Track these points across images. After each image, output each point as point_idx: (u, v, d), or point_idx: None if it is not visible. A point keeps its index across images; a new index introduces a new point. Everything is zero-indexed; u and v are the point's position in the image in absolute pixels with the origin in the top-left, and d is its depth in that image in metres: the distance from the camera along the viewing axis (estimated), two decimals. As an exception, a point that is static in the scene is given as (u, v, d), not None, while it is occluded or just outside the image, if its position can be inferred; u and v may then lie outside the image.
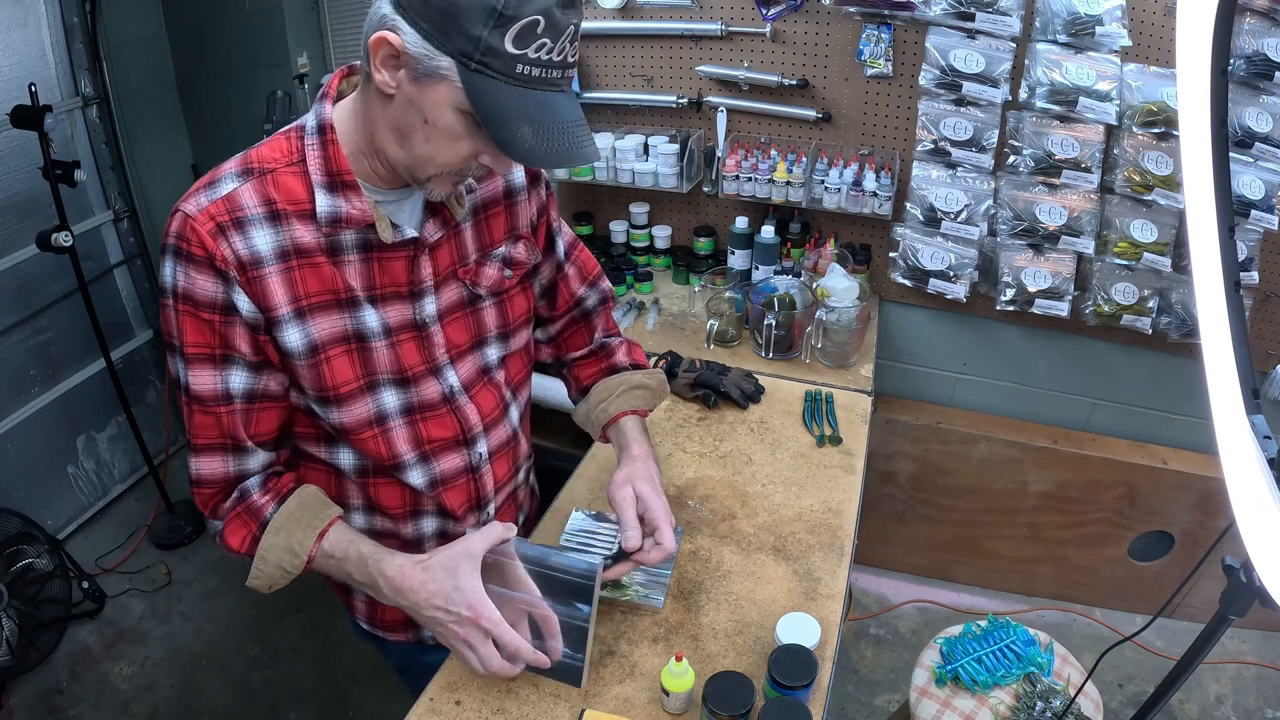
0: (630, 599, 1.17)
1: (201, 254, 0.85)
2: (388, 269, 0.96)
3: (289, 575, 0.99)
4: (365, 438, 1.01)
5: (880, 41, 1.89)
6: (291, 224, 0.89)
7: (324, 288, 0.92)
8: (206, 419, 0.93)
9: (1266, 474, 0.74)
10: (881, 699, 2.20)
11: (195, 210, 0.86)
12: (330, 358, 0.95)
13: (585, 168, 2.19)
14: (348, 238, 0.93)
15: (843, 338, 1.83)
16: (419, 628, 1.21)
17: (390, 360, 0.99)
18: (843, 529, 1.33)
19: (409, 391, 1.02)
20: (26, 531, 2.29)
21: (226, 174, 0.88)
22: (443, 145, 0.84)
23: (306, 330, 0.92)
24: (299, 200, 0.89)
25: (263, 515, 0.98)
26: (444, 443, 1.07)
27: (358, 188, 0.90)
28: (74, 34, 2.52)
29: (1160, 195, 1.80)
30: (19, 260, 2.44)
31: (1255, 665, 2.28)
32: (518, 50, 0.76)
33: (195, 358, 0.90)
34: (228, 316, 0.89)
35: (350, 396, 0.97)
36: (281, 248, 0.89)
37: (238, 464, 0.97)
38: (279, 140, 0.91)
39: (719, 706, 0.95)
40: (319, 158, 0.89)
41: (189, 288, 0.87)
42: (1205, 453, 2.21)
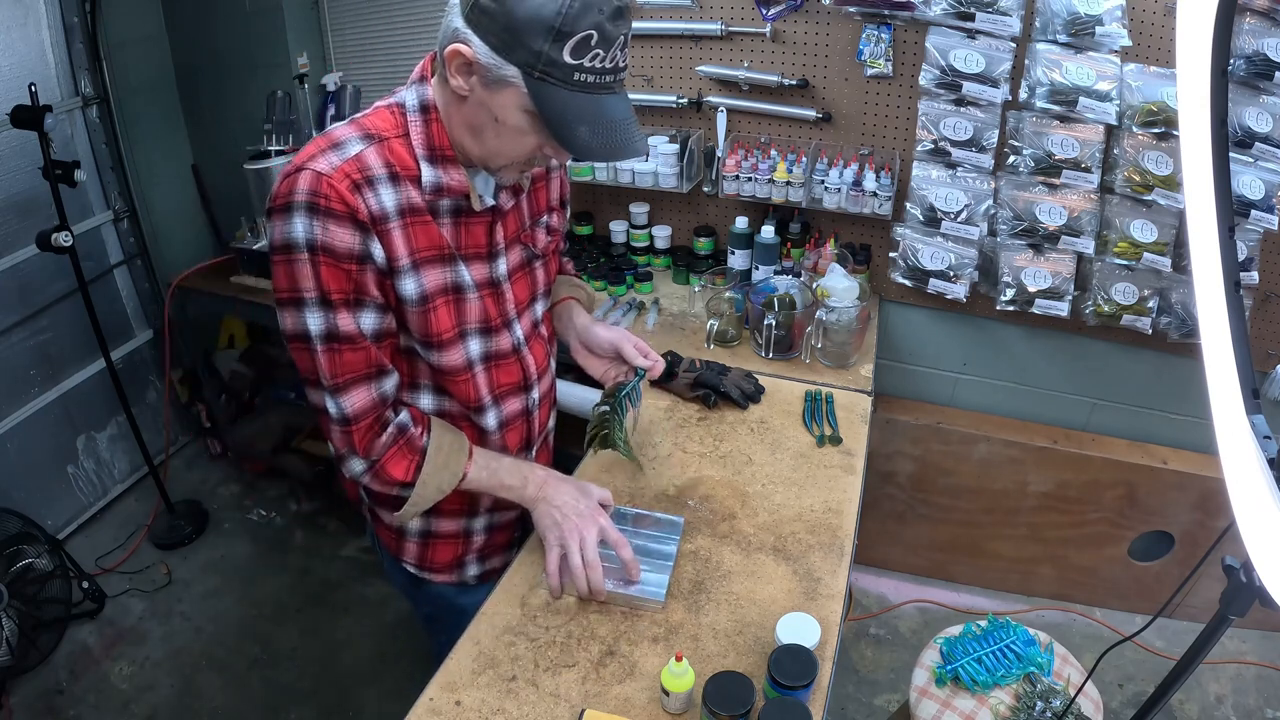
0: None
1: (342, 208, 0.94)
2: (472, 232, 1.10)
3: (441, 494, 1.14)
4: (461, 380, 1.15)
5: (880, 41, 1.89)
6: (406, 186, 1.00)
7: (431, 244, 1.05)
8: (355, 355, 1.02)
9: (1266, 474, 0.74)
10: (881, 699, 2.20)
11: (329, 169, 0.93)
12: (436, 306, 1.07)
13: (585, 168, 2.19)
14: (444, 204, 1.05)
15: (843, 338, 1.83)
16: (463, 568, 1.35)
17: (478, 312, 1.13)
18: (843, 529, 1.33)
19: (490, 340, 1.17)
20: (26, 531, 2.29)
21: (349, 137, 0.97)
22: (511, 140, 0.97)
23: (420, 280, 1.04)
24: (409, 167, 1.00)
25: (420, 445, 1.12)
26: (510, 387, 1.23)
27: (456, 162, 1.02)
28: (74, 34, 2.52)
29: (1160, 195, 1.80)
30: (19, 260, 2.44)
31: (1255, 665, 2.28)
32: (574, 61, 0.87)
33: (338, 303, 0.99)
34: (362, 265, 0.98)
35: (449, 343, 1.10)
36: (400, 206, 0.99)
37: (379, 389, 1.06)
38: (383, 113, 1.02)
39: (719, 706, 0.95)
40: (422, 133, 1.00)
41: (329, 240, 0.95)
42: (1205, 453, 2.21)
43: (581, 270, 2.30)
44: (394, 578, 1.39)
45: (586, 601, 1.18)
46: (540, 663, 1.09)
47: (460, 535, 1.32)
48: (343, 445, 1.08)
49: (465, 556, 1.34)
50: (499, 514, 1.34)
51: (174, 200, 2.97)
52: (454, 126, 1.00)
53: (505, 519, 1.36)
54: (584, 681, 1.06)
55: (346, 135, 0.98)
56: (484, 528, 1.33)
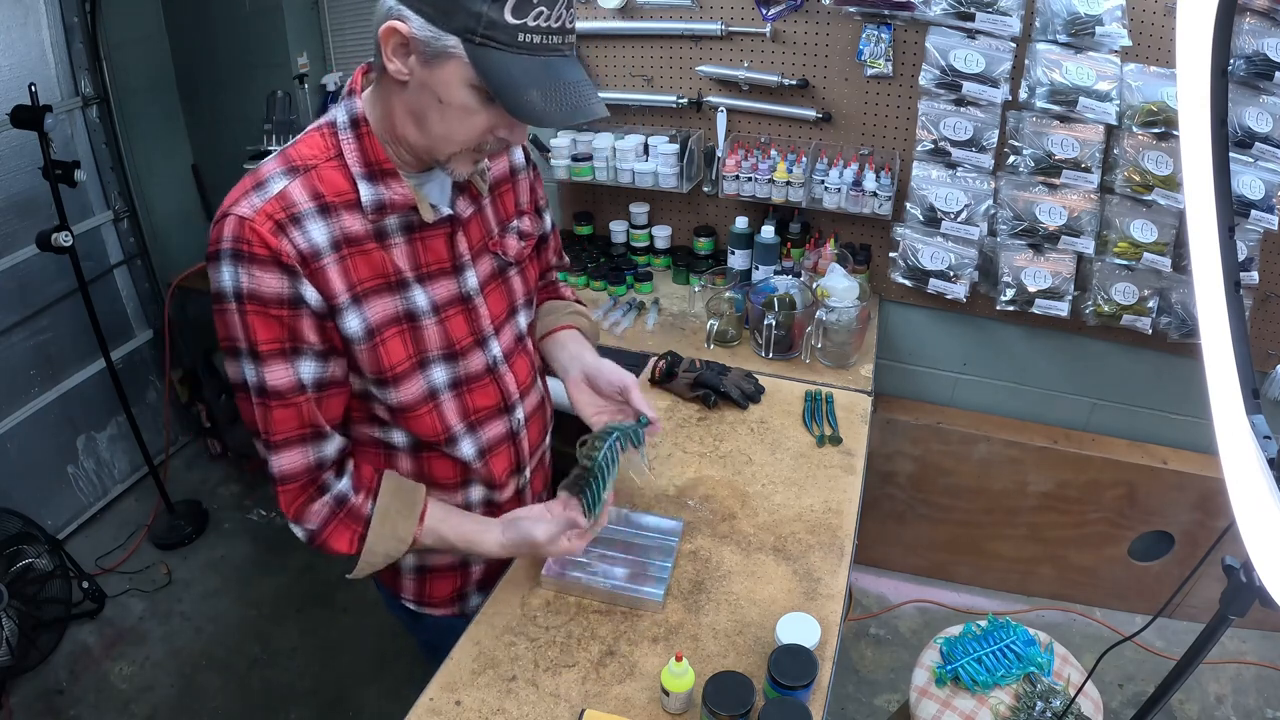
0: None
1: (265, 253, 0.88)
2: (431, 247, 1.02)
3: (392, 559, 1.08)
4: (421, 414, 1.07)
5: (880, 41, 1.89)
6: (340, 215, 0.93)
7: (374, 272, 0.97)
8: (286, 412, 0.96)
9: (1266, 474, 0.74)
10: (881, 699, 2.20)
11: (250, 212, 0.88)
12: (385, 339, 1.00)
13: (585, 168, 2.19)
14: (392, 222, 0.98)
15: (843, 338, 1.83)
16: (464, 600, 1.30)
17: (439, 336, 1.05)
18: (843, 529, 1.33)
19: (457, 365, 1.09)
20: (26, 531, 2.29)
21: (272, 174, 0.91)
22: (459, 122, 0.88)
23: (363, 315, 0.97)
24: (343, 192, 0.94)
25: (363, 514, 1.05)
26: (488, 411, 1.15)
27: (397, 174, 0.95)
28: (74, 34, 2.52)
29: (1160, 195, 1.80)
30: (19, 260, 2.44)
31: (1255, 665, 2.28)
32: (517, 20, 0.80)
33: (269, 354, 0.93)
34: (295, 310, 0.92)
35: (404, 376, 1.03)
36: (334, 239, 0.93)
37: (316, 452, 1.00)
38: (313, 138, 0.95)
39: (719, 706, 0.95)
40: (356, 150, 0.94)
41: (255, 288, 0.89)
42: (1205, 453, 2.21)
43: (581, 270, 2.29)
44: (392, 610, 1.34)
45: (587, 601, 1.18)
46: (540, 663, 1.09)
47: (458, 567, 1.26)
48: (283, 508, 1.02)
49: (465, 589, 1.29)
50: (503, 490, 1.25)
51: (174, 200, 2.97)
52: (397, 121, 0.92)
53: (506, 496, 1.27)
54: (584, 681, 1.06)
55: (270, 171, 0.91)
56: (481, 500, 1.24)
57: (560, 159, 2.21)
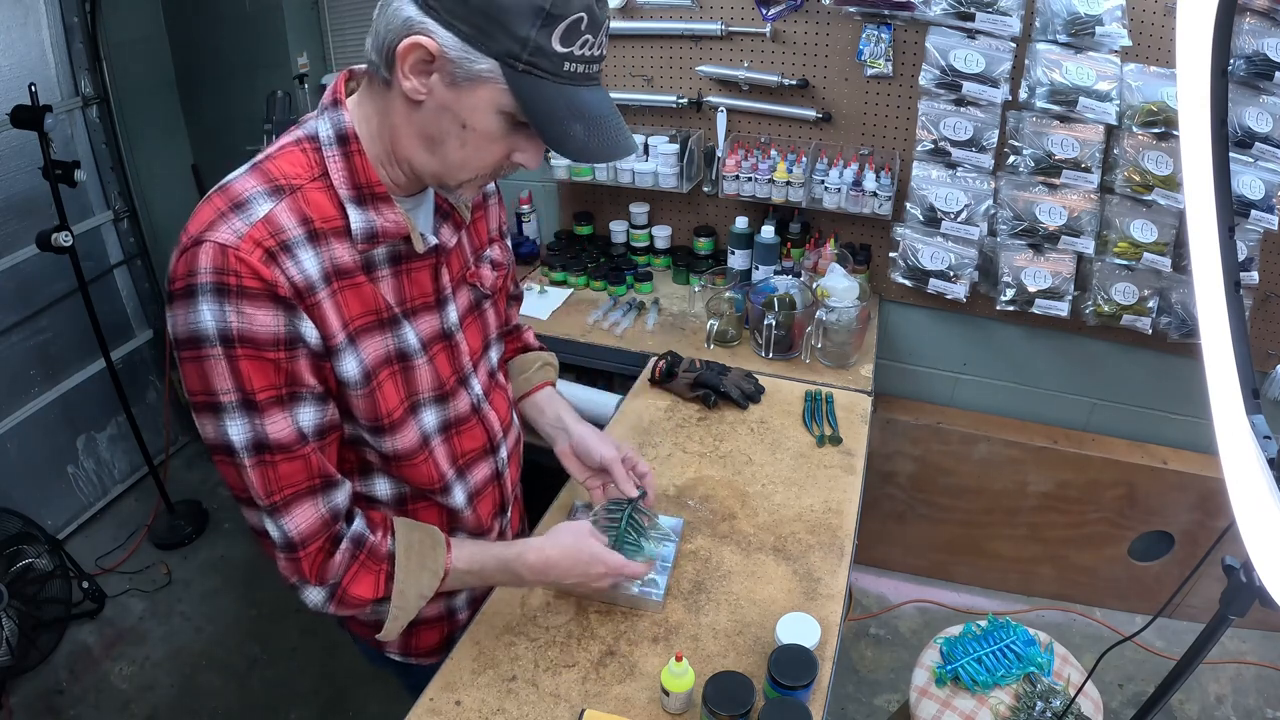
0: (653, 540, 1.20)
1: (257, 285, 0.76)
2: (416, 280, 0.94)
3: (424, 600, 0.98)
4: (418, 463, 0.99)
5: (880, 41, 1.89)
6: (330, 244, 0.83)
7: (366, 308, 0.88)
8: (293, 465, 0.85)
9: (1266, 474, 0.74)
10: (881, 699, 2.20)
11: (234, 238, 0.76)
12: (381, 383, 0.91)
13: (585, 168, 2.19)
14: (379, 253, 0.89)
15: (843, 338, 1.83)
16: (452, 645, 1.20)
17: (430, 377, 0.98)
18: (843, 529, 1.33)
19: (446, 407, 1.02)
20: (26, 531, 2.29)
21: (251, 194, 0.79)
22: (479, 149, 0.81)
23: (359, 356, 0.88)
24: (330, 217, 0.83)
25: (384, 551, 0.95)
26: (476, 453, 1.09)
27: (389, 199, 0.86)
28: (74, 34, 2.52)
29: (1160, 195, 1.80)
30: (19, 260, 2.44)
31: (1255, 665, 2.28)
32: (564, 49, 0.75)
33: (267, 403, 0.81)
34: (292, 351, 0.81)
35: (400, 422, 0.95)
36: (325, 270, 0.83)
37: (328, 503, 0.90)
38: (293, 154, 0.84)
39: (719, 706, 0.95)
40: (343, 170, 0.84)
41: (246, 328, 0.77)
42: (1205, 453, 2.21)
43: (581, 270, 2.29)
44: (375, 664, 1.26)
45: (586, 602, 1.18)
46: (540, 663, 1.09)
47: (444, 617, 1.18)
48: (292, 574, 0.91)
49: (454, 634, 1.20)
50: (490, 535, 1.19)
51: (174, 200, 2.97)
52: (402, 142, 0.82)
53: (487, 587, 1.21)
54: (584, 681, 1.06)
55: (250, 190, 0.79)
56: (467, 603, 1.20)
57: (560, 159, 2.21)
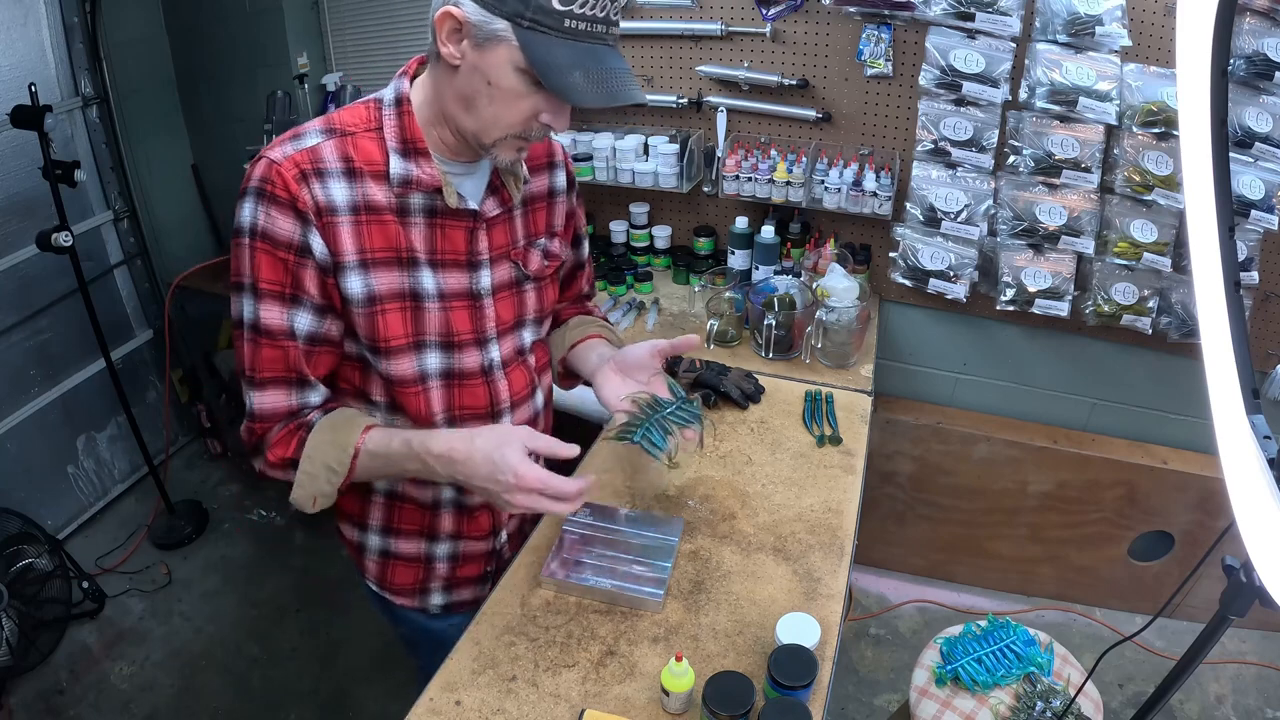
0: None
1: (285, 196, 0.93)
2: (450, 236, 1.05)
3: (335, 477, 1.02)
4: (410, 393, 1.08)
5: (880, 41, 1.89)
6: (365, 182, 0.97)
7: (388, 244, 1.00)
8: (274, 352, 0.99)
9: (1266, 474, 0.74)
10: (881, 699, 2.20)
11: (281, 157, 0.93)
12: (385, 310, 1.02)
13: (585, 168, 2.19)
14: (416, 201, 1.01)
15: (843, 338, 1.83)
16: (426, 595, 1.28)
17: (439, 323, 1.06)
18: (843, 529, 1.33)
19: (451, 356, 1.09)
20: (26, 531, 2.29)
21: (310, 130, 0.97)
22: (506, 105, 0.92)
23: (367, 281, 0.99)
24: (375, 162, 0.98)
25: (309, 422, 1.04)
26: (474, 411, 1.14)
27: (429, 155, 0.99)
28: (74, 34, 2.52)
29: (1160, 195, 1.80)
30: (19, 260, 2.44)
31: (1255, 665, 2.28)
32: (563, 7, 0.85)
33: (268, 293, 0.96)
34: (301, 258, 0.95)
35: (399, 351, 1.04)
36: (354, 202, 0.97)
37: (300, 397, 1.03)
38: (359, 108, 1.00)
39: (719, 706, 0.95)
40: (395, 126, 0.98)
41: (269, 226, 0.94)
42: (1205, 453, 2.21)
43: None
44: (371, 603, 1.33)
45: (587, 601, 1.18)
46: (540, 663, 1.09)
47: (420, 560, 1.24)
48: (247, 442, 1.04)
49: (428, 584, 1.27)
50: (465, 542, 1.25)
51: (174, 200, 2.97)
52: (449, 105, 0.96)
53: (474, 550, 1.26)
54: (584, 681, 1.06)
55: (310, 128, 0.98)
56: (448, 555, 1.25)
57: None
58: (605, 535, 1.26)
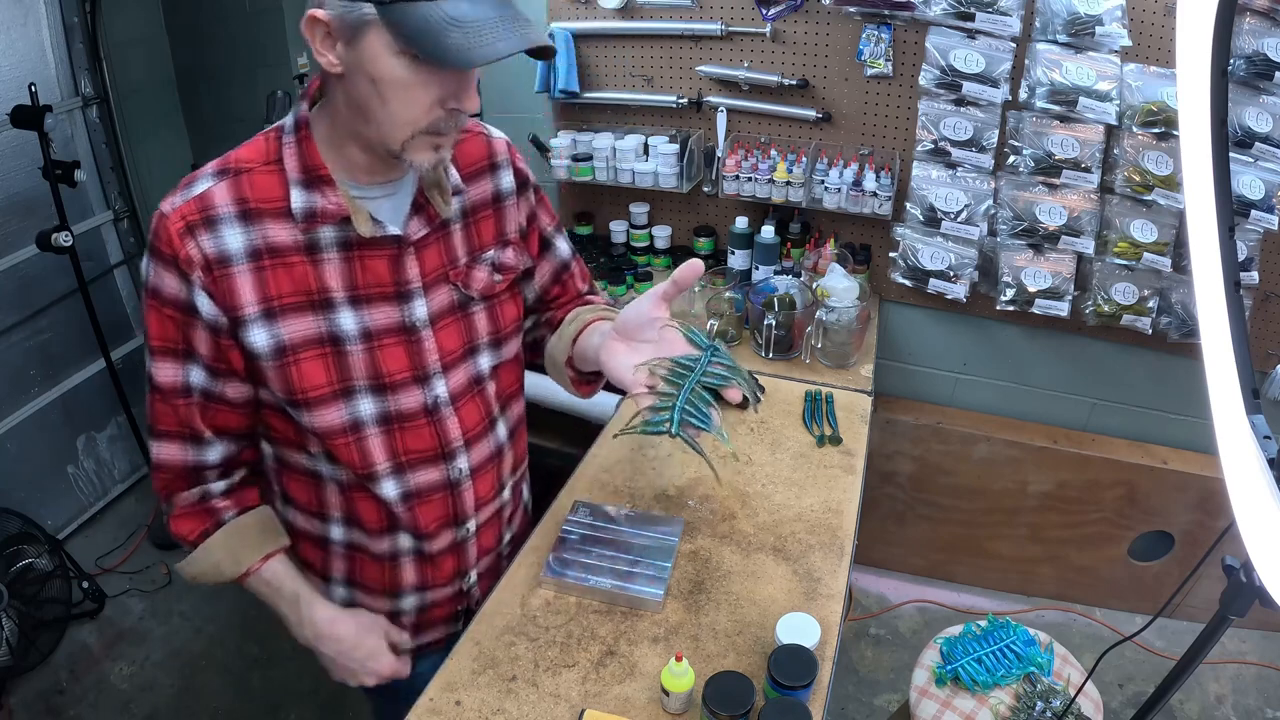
0: None
1: (169, 252, 0.88)
2: (370, 268, 0.95)
3: (220, 577, 1.05)
4: (339, 444, 1.00)
5: (880, 41, 1.89)
6: (265, 223, 0.90)
7: (297, 288, 0.92)
8: (166, 408, 0.97)
9: (1266, 474, 0.74)
10: (881, 699, 2.20)
11: (170, 209, 0.88)
12: (299, 360, 0.94)
13: (585, 168, 2.19)
14: (326, 235, 0.92)
15: (843, 338, 1.83)
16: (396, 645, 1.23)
17: (366, 365, 0.98)
18: (843, 529, 1.33)
19: (386, 399, 1.00)
20: (26, 531, 2.29)
21: (203, 174, 0.91)
22: (398, 99, 0.82)
23: (275, 331, 0.92)
24: (275, 199, 0.90)
25: (220, 517, 1.04)
26: (421, 455, 1.05)
27: (332, 182, 0.91)
28: (74, 34, 2.52)
29: (1160, 195, 1.80)
30: (19, 260, 2.44)
31: (1255, 665, 2.28)
32: None
33: (158, 350, 0.94)
34: (189, 316, 0.90)
35: (321, 401, 0.96)
36: (252, 247, 0.89)
37: (195, 453, 1.00)
38: (258, 141, 0.93)
39: (719, 706, 0.95)
40: (295, 155, 0.90)
41: (158, 284, 0.90)
42: (1205, 453, 2.21)
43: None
44: None
45: (587, 601, 1.18)
46: (540, 663, 1.09)
47: (385, 558, 1.14)
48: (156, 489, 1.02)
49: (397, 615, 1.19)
50: (431, 591, 1.17)
51: (174, 200, 2.97)
52: (347, 120, 0.87)
53: (441, 596, 1.18)
54: (584, 681, 1.06)
55: (203, 172, 0.91)
56: (414, 608, 1.17)
57: (560, 159, 2.22)
58: (605, 535, 1.26)
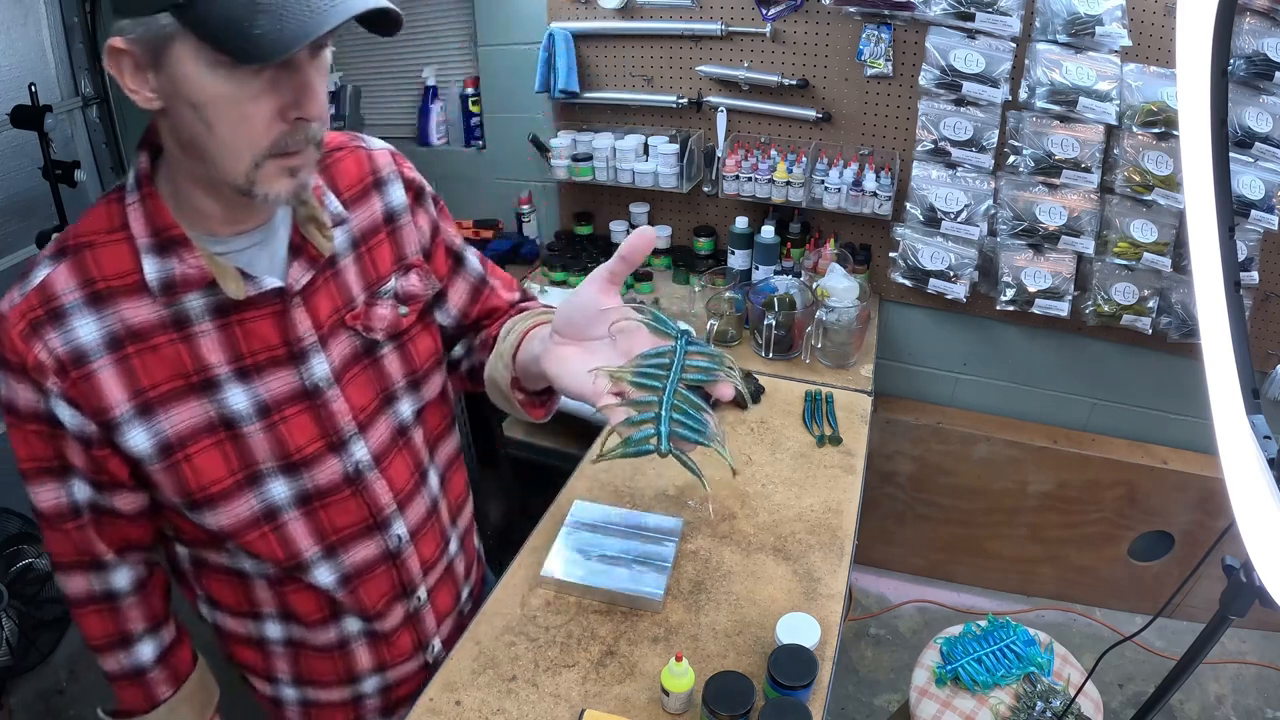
0: None
1: (15, 359, 0.75)
2: (254, 332, 0.82)
3: None
4: (253, 539, 0.88)
5: (880, 41, 1.89)
6: (119, 304, 0.76)
7: (171, 373, 0.79)
8: (57, 536, 0.85)
9: (1266, 474, 0.74)
10: (881, 699, 2.20)
11: (8, 309, 0.75)
12: (191, 455, 0.82)
13: (585, 168, 2.19)
14: (195, 304, 0.78)
15: (843, 338, 1.83)
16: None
17: (271, 444, 0.85)
18: (843, 529, 1.33)
19: (301, 478, 0.88)
20: (26, 531, 2.29)
21: (41, 260, 0.77)
22: (226, 120, 0.68)
23: (155, 427, 0.79)
24: (126, 272, 0.76)
25: (156, 697, 0.95)
26: (352, 530, 0.94)
27: (188, 243, 0.76)
28: (74, 34, 2.52)
29: (1160, 195, 1.81)
30: (19, 260, 2.44)
31: (1255, 665, 2.28)
32: None
33: (31, 473, 0.82)
34: (54, 429, 0.79)
35: (225, 496, 0.84)
36: (111, 334, 0.76)
37: (101, 583, 0.89)
38: (99, 209, 0.78)
39: (719, 706, 0.95)
40: (141, 217, 0.76)
41: (12, 398, 0.78)
42: (1205, 453, 2.21)
43: (581, 270, 2.29)
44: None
45: (587, 601, 1.18)
46: (540, 663, 1.09)
47: (349, 703, 1.05)
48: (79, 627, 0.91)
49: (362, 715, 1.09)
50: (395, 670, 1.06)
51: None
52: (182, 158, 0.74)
53: (406, 671, 1.08)
54: (584, 681, 1.06)
55: (42, 257, 0.77)
56: (377, 689, 1.07)
57: (560, 159, 2.22)
58: (605, 535, 1.26)
